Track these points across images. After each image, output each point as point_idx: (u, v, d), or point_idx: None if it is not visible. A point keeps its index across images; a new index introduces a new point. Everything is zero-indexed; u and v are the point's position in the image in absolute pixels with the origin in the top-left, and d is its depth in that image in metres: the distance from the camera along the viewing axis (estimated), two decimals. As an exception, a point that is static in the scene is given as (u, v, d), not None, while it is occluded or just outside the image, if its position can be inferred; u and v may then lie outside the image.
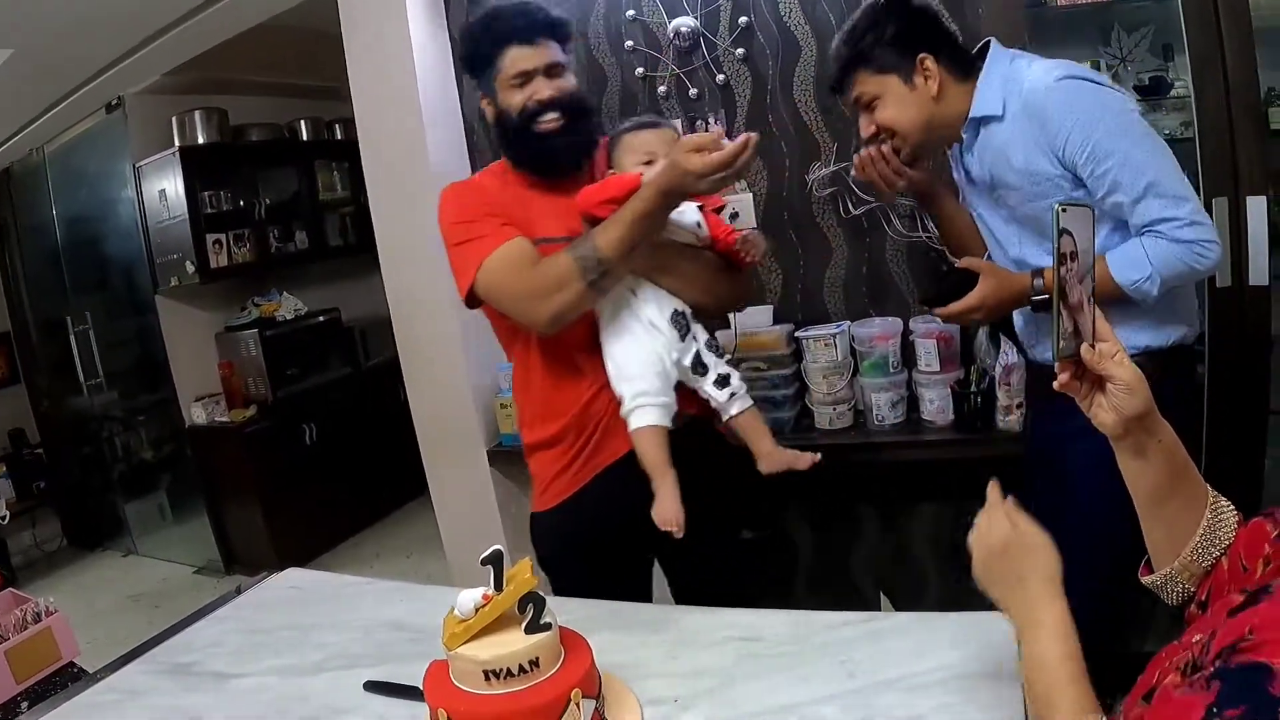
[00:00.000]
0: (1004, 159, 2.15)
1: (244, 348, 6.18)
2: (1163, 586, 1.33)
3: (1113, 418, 1.28)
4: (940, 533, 3.44)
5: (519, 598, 1.49)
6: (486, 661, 1.45)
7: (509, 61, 2.20)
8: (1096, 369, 1.28)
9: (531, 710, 1.43)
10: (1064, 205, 1.25)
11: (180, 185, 5.72)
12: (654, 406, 2.14)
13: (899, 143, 2.24)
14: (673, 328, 2.20)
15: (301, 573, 2.54)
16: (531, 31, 2.19)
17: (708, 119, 3.34)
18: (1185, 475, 1.32)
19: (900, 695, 1.49)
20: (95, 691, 2.01)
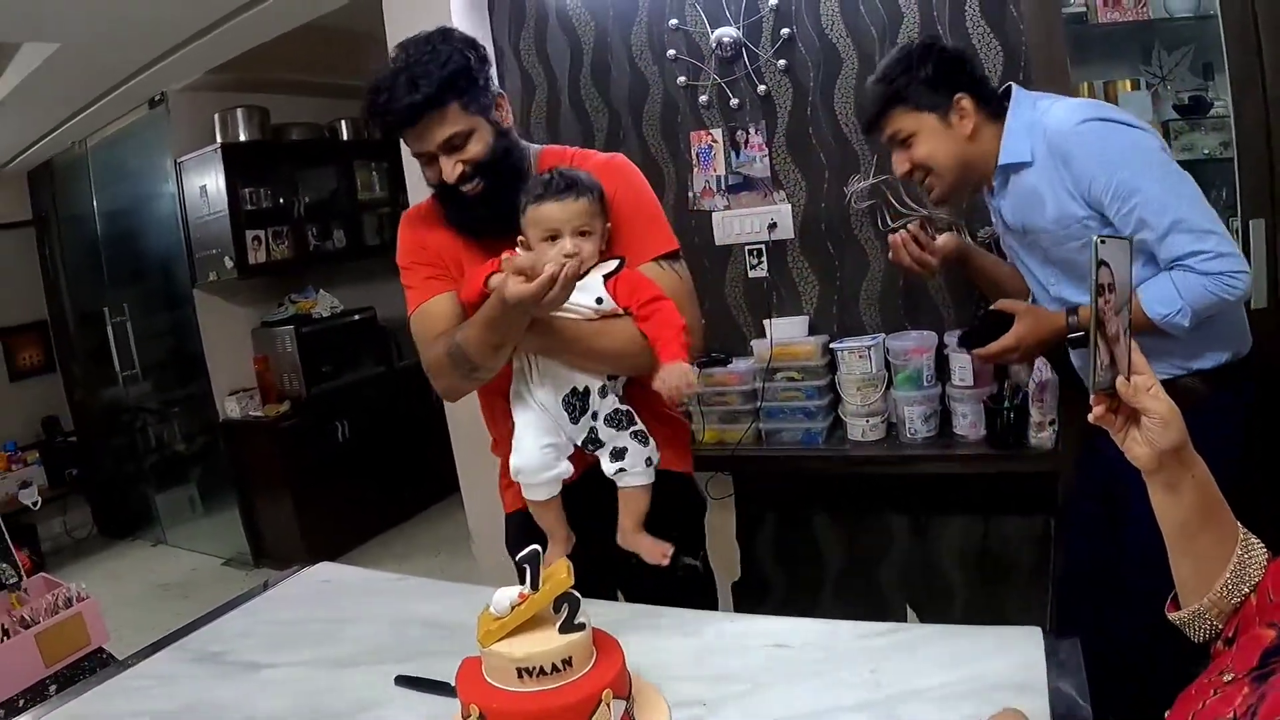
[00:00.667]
0: (1034, 204, 2.18)
1: (279, 344, 6.23)
2: (1190, 623, 1.32)
3: (1146, 451, 1.27)
4: (968, 547, 3.42)
5: (554, 597, 1.50)
6: (520, 659, 1.46)
7: (407, 141, 2.05)
8: (1131, 402, 1.27)
9: (563, 709, 1.44)
10: (1103, 238, 1.24)
11: (221, 181, 5.78)
12: (531, 485, 2.10)
13: (934, 180, 2.26)
14: (564, 410, 2.06)
15: (333, 567, 2.55)
16: (411, 113, 1.96)
17: (748, 129, 3.34)
18: (1216, 510, 1.31)
19: (927, 706, 1.49)
20: (127, 677, 2.02)
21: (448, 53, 1.97)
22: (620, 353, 2.04)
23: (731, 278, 3.52)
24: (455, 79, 1.96)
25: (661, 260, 2.12)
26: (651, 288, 2.03)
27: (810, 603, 3.66)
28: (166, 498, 7.00)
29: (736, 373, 3.35)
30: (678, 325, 1.99)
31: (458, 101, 1.98)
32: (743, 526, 3.74)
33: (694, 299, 2.20)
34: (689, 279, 2.20)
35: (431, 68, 1.94)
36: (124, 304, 6.65)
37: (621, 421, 2.09)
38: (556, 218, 1.98)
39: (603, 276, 2.02)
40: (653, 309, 2.00)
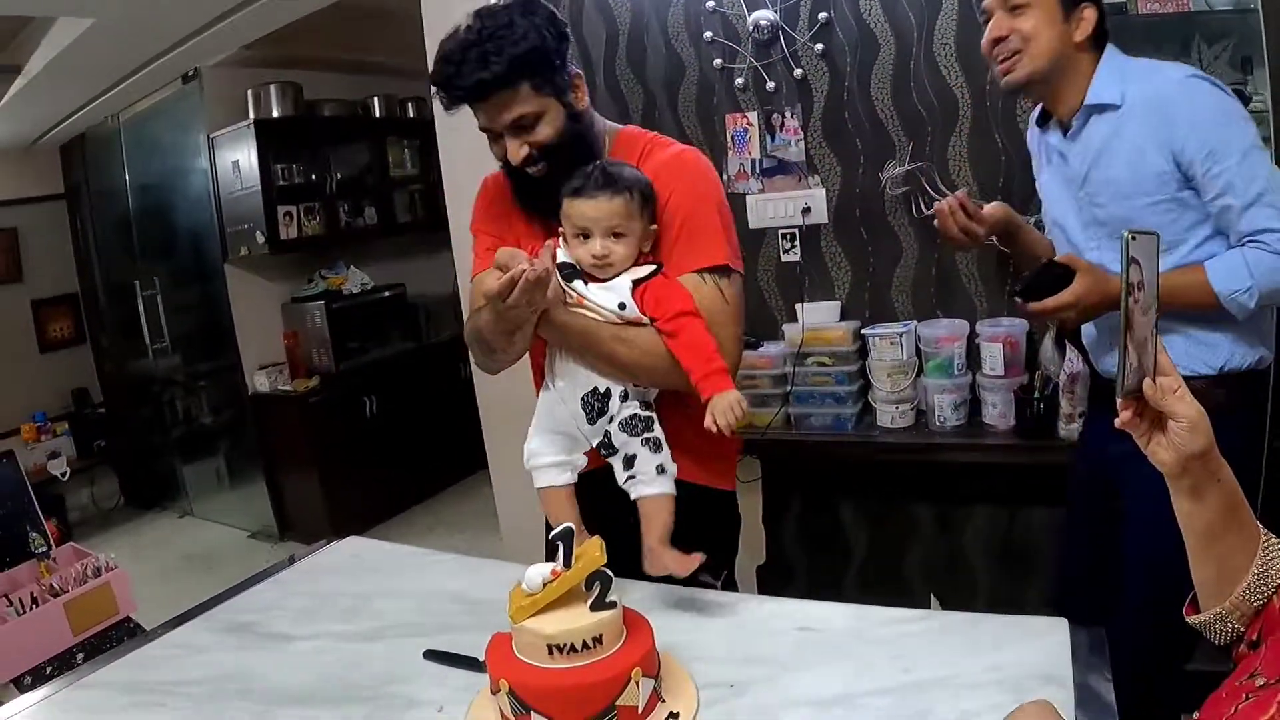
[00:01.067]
0: (1112, 150, 2.10)
1: (309, 319, 6.27)
2: (1211, 626, 1.30)
3: (1172, 456, 1.23)
4: (994, 537, 3.42)
5: (586, 575, 1.51)
6: (551, 636, 1.47)
7: (475, 114, 1.94)
8: (1159, 405, 1.23)
9: (592, 685, 1.45)
10: (1134, 233, 1.20)
11: (254, 157, 5.82)
12: (544, 468, 2.01)
13: (1021, 59, 2.13)
14: (581, 409, 1.97)
15: (361, 541, 2.57)
16: (480, 90, 1.86)
17: (784, 112, 3.34)
18: (1239, 513, 1.28)
19: (953, 692, 1.49)
20: (157, 645, 2.04)
21: (524, 28, 1.84)
22: (637, 364, 1.94)
23: (764, 261, 3.52)
24: (529, 57, 1.84)
25: (706, 272, 1.97)
26: (681, 301, 1.91)
27: (834, 589, 3.67)
28: (193, 470, 7.07)
29: (767, 356, 3.36)
30: (708, 348, 1.89)
31: (529, 81, 1.86)
32: (769, 510, 3.75)
33: (736, 320, 2.03)
34: (736, 298, 2.02)
35: (505, 43, 1.82)
36: (154, 277, 6.71)
37: (636, 427, 1.97)
38: (588, 216, 1.88)
39: (632, 281, 1.92)
40: (678, 325, 1.90)
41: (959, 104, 3.10)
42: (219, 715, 1.72)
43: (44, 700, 1.85)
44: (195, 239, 6.43)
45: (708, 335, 1.90)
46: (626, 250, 1.91)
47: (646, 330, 1.92)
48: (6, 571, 3.55)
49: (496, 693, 1.51)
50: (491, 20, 1.85)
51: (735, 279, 2.03)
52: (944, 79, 3.11)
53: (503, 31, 1.83)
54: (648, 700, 1.51)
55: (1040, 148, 2.35)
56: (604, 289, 1.91)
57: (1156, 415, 1.25)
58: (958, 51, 3.07)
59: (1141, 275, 1.21)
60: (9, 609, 3.38)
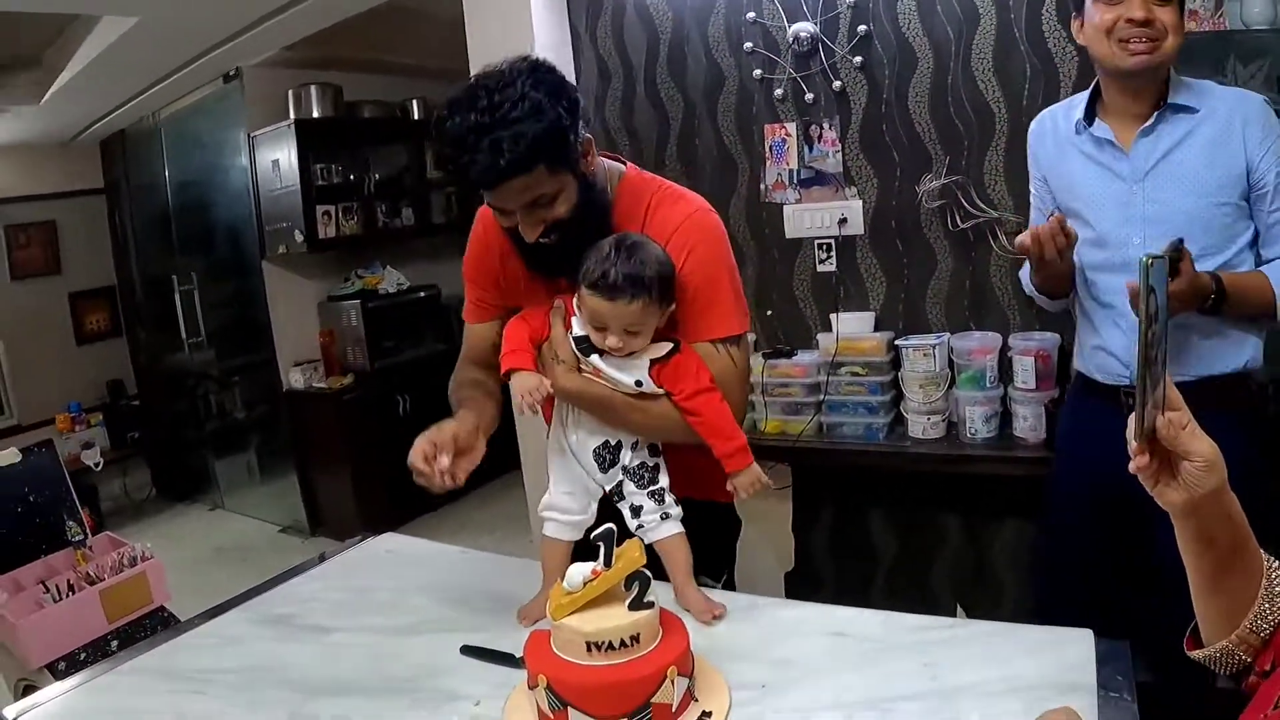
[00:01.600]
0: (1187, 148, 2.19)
1: (345, 317, 6.31)
2: (1216, 659, 1.26)
3: (1183, 497, 1.16)
4: (1021, 549, 3.41)
5: (626, 575, 1.54)
6: (590, 634, 1.49)
7: (485, 195, 1.84)
8: (1172, 445, 1.15)
9: (629, 683, 1.48)
10: (1152, 258, 1.11)
11: (293, 156, 5.85)
12: (554, 522, 2.04)
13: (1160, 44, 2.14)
14: (594, 461, 1.98)
15: (398, 537, 2.60)
16: (494, 179, 1.73)
17: (822, 124, 3.36)
18: (1247, 545, 1.23)
19: (979, 700, 1.51)
20: (194, 635, 2.07)
21: (535, 103, 1.69)
22: (654, 429, 1.97)
23: (800, 271, 3.55)
24: (545, 139, 1.70)
25: (718, 343, 1.96)
26: (698, 379, 1.91)
27: (862, 596, 3.67)
28: (226, 463, 7.12)
29: (801, 365, 3.38)
30: (729, 427, 1.92)
31: (546, 164, 1.73)
32: (799, 518, 3.77)
33: (744, 383, 2.08)
34: (744, 361, 2.04)
35: (520, 125, 1.67)
36: (192, 272, 6.76)
37: (644, 479, 1.99)
38: (605, 315, 1.82)
39: (649, 360, 1.90)
40: (698, 404, 1.90)
41: (995, 118, 3.12)
42: (257, 704, 1.74)
43: (84, 685, 1.88)
44: (233, 236, 6.48)
45: (727, 411, 1.93)
46: (643, 341, 1.88)
47: (663, 402, 1.93)
48: (44, 559, 3.59)
49: (534, 688, 1.54)
50: (501, 96, 1.68)
51: (744, 342, 2.03)
52: (981, 93, 3.12)
53: (515, 112, 1.67)
54: (682, 699, 1.53)
55: (1068, 141, 2.38)
56: (622, 368, 1.90)
57: (1165, 454, 1.18)
58: (995, 66, 3.08)
59: (1156, 305, 1.13)
60: (46, 595, 3.42)
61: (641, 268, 1.80)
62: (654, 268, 1.81)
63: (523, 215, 1.80)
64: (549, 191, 1.77)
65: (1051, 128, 2.44)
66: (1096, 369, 2.40)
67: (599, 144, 3.68)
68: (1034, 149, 2.50)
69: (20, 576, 3.51)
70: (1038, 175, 2.49)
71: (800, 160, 3.44)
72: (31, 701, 1.82)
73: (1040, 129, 2.48)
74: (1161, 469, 1.19)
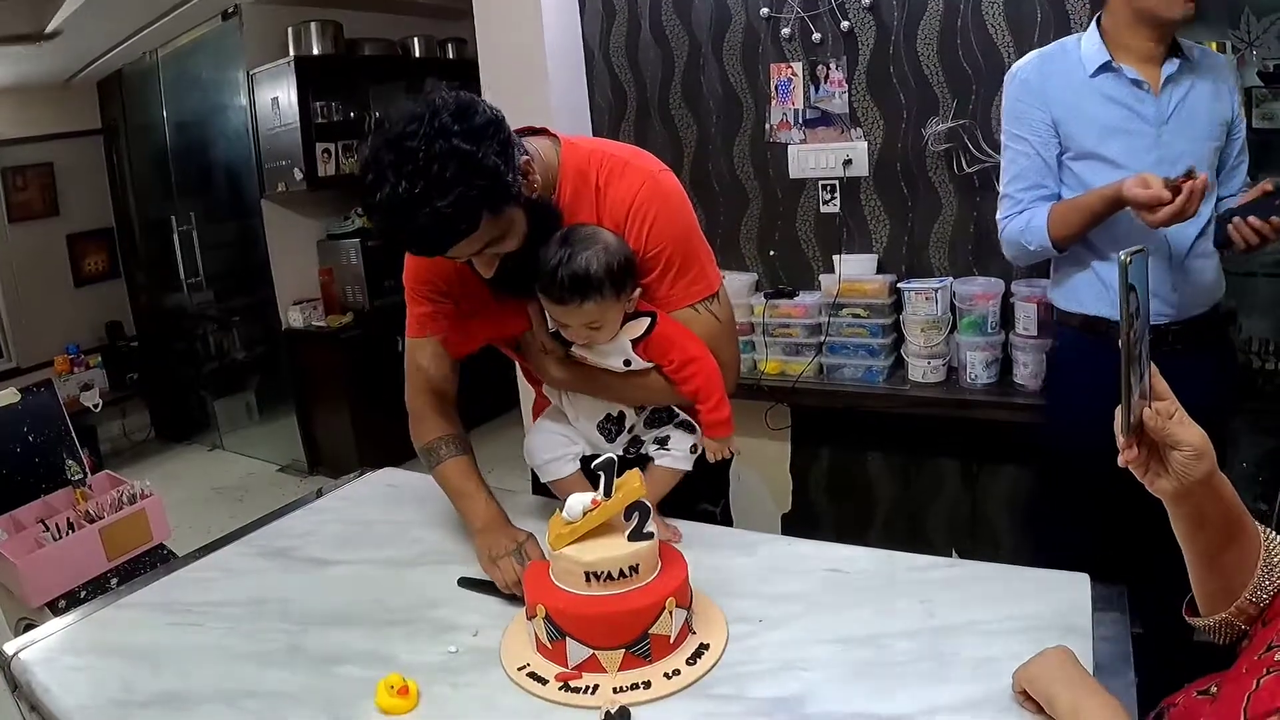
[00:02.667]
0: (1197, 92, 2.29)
1: (345, 256, 6.27)
2: (1214, 629, 1.27)
3: (1174, 485, 1.16)
4: (1017, 496, 3.43)
5: (626, 505, 1.54)
6: (589, 564, 1.50)
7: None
8: (1160, 435, 1.15)
9: (628, 613, 1.49)
10: (1130, 254, 1.10)
11: (293, 94, 5.78)
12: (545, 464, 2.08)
13: None
14: (599, 434, 2.03)
15: (397, 472, 2.61)
16: (437, 248, 1.67)
17: (829, 64, 3.32)
18: (1241, 523, 1.23)
19: (975, 639, 1.53)
20: (193, 569, 2.09)
21: (465, 156, 1.56)
22: (651, 399, 2.01)
23: (803, 211, 3.53)
24: (484, 197, 1.60)
25: (697, 305, 1.96)
26: (685, 346, 1.91)
27: (858, 539, 3.63)
28: (225, 404, 7.12)
29: (802, 305, 3.39)
30: (715, 395, 1.92)
31: (490, 215, 1.64)
32: (797, 459, 3.78)
33: (732, 337, 2.07)
34: (727, 315, 2.02)
35: (458, 189, 1.56)
36: (190, 213, 6.69)
37: (663, 418, 2.04)
38: (560, 316, 1.84)
39: (630, 341, 1.89)
40: (689, 372, 1.91)
41: (1005, 64, 3.04)
42: (257, 635, 1.76)
43: (85, 619, 1.89)
44: (232, 175, 6.43)
45: (717, 377, 1.93)
46: (607, 332, 1.87)
47: (653, 372, 1.95)
48: (44, 498, 3.60)
49: (533, 618, 1.55)
50: (427, 154, 1.55)
51: (722, 293, 2.02)
52: (991, 38, 3.09)
53: (449, 170, 1.55)
54: (679, 630, 1.55)
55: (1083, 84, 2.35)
56: (604, 352, 1.91)
57: (1153, 444, 1.18)
58: (1005, 10, 3.05)
59: (1139, 302, 1.12)
60: (45, 534, 3.42)
61: (589, 267, 1.76)
62: (603, 265, 1.77)
63: (476, 259, 1.76)
64: (498, 234, 1.70)
65: (1059, 69, 2.39)
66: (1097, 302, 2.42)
67: (603, 82, 3.68)
68: (1037, 91, 2.41)
69: (20, 516, 3.51)
70: (1043, 118, 2.41)
71: (806, 100, 3.40)
72: (31, 637, 1.84)
73: (1044, 70, 2.42)
74: (1151, 458, 1.19)
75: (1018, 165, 2.47)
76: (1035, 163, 2.44)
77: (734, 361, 2.07)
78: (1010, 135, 2.48)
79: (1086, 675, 1.30)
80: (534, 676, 1.51)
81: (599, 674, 1.49)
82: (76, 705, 1.59)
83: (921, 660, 1.50)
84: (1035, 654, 1.35)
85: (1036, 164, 2.43)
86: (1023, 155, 2.46)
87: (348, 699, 1.52)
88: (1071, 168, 2.39)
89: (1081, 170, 2.36)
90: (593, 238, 1.80)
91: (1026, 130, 2.44)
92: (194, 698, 1.56)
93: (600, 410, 2.02)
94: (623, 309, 1.86)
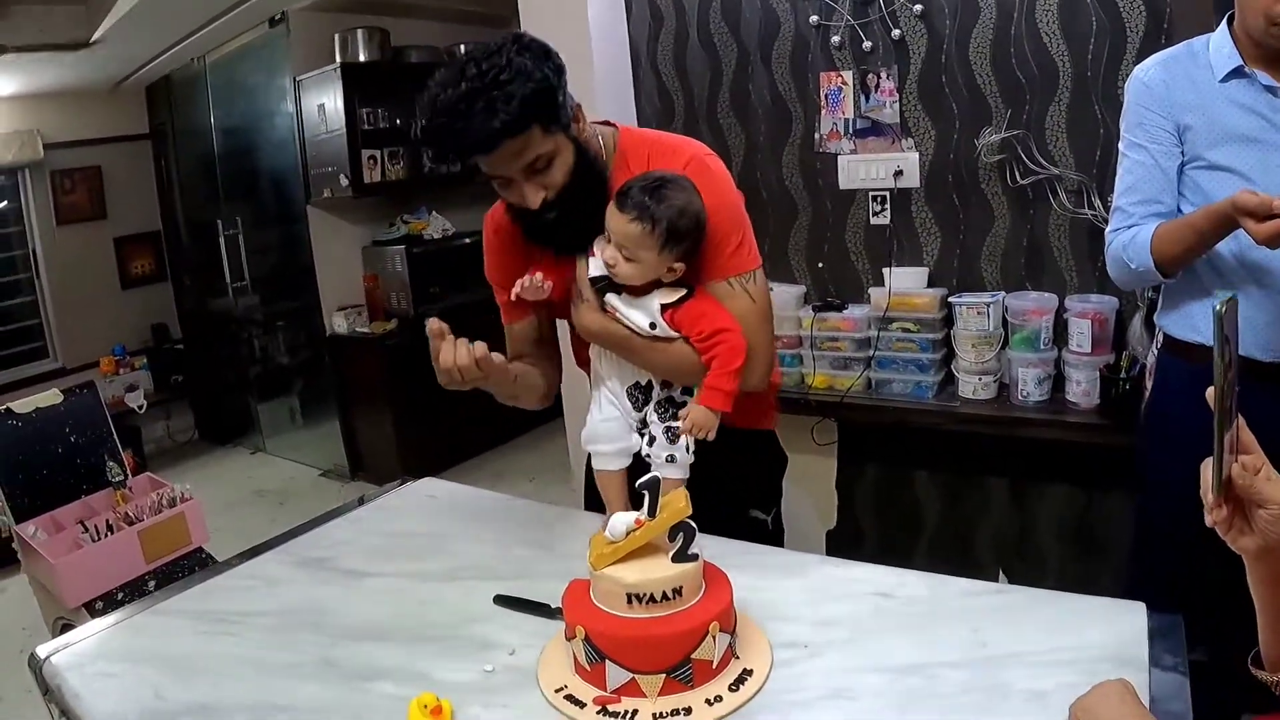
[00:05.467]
0: None
1: (390, 262, 6.30)
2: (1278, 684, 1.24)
3: (1257, 544, 1.14)
4: (1069, 516, 3.37)
5: (670, 525, 1.50)
6: (632, 585, 1.46)
7: (482, 164, 1.83)
8: (1247, 492, 1.12)
9: (670, 637, 1.45)
10: (1225, 303, 1.05)
11: (340, 101, 5.83)
12: (600, 454, 2.07)
13: None
14: (628, 400, 2.04)
15: (438, 483, 2.57)
16: (490, 142, 1.74)
17: (879, 73, 3.27)
18: None
19: (1027, 670, 1.47)
20: (230, 576, 2.08)
21: (524, 67, 1.73)
22: (674, 370, 1.99)
23: (853, 223, 3.48)
24: (537, 99, 1.74)
25: (734, 280, 1.98)
26: (715, 320, 1.91)
27: (903, 557, 3.60)
28: (268, 407, 7.17)
29: (851, 319, 3.34)
30: (733, 368, 1.90)
31: (539, 124, 1.77)
32: (843, 475, 3.74)
33: (767, 319, 2.06)
34: (764, 296, 2.03)
35: (511, 87, 1.71)
36: (237, 217, 6.75)
37: (666, 412, 2.02)
38: (609, 224, 1.86)
39: (660, 305, 1.91)
40: (714, 343, 1.90)
41: (1059, 73, 3.01)
42: (290, 647, 1.74)
43: (120, 624, 1.88)
44: (278, 180, 6.48)
45: (741, 354, 1.91)
46: (632, 272, 1.87)
47: (680, 344, 1.94)
48: (84, 499, 3.61)
49: (572, 639, 1.51)
50: (489, 63, 1.73)
51: (760, 277, 2.03)
52: (1045, 47, 3.02)
53: (505, 74, 1.71)
54: (723, 655, 1.50)
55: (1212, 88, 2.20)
56: (636, 307, 1.92)
57: (1238, 499, 1.14)
58: (1060, 19, 2.98)
59: (1230, 352, 1.07)
60: (84, 535, 3.43)
61: (659, 200, 1.81)
62: (670, 210, 1.81)
63: (524, 182, 1.83)
64: (545, 153, 1.80)
65: (1185, 73, 2.23)
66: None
67: (650, 89, 3.65)
68: (1161, 96, 2.25)
69: (59, 516, 3.53)
70: (1165, 126, 2.24)
71: (856, 110, 3.36)
72: (65, 640, 1.83)
73: (1169, 73, 2.25)
74: (1235, 513, 1.15)
75: (1133, 176, 2.30)
76: (1153, 174, 2.26)
77: (765, 351, 2.04)
78: (1128, 143, 2.31)
79: (1145, 712, 1.25)
80: (571, 699, 1.47)
81: (638, 699, 1.45)
82: (107, 713, 1.57)
83: (972, 691, 1.44)
84: (1092, 685, 1.29)
85: (1154, 176, 2.26)
86: (1139, 165, 2.28)
87: (380, 716, 1.49)
88: (1195, 179, 2.23)
89: (1205, 182, 2.20)
90: (683, 190, 1.85)
91: (1146, 138, 2.27)
92: (224, 709, 1.54)
93: (629, 376, 2.03)
94: (658, 267, 1.87)
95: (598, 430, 2.06)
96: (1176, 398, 2.36)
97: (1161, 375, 2.46)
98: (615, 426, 2.05)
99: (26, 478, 3.55)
